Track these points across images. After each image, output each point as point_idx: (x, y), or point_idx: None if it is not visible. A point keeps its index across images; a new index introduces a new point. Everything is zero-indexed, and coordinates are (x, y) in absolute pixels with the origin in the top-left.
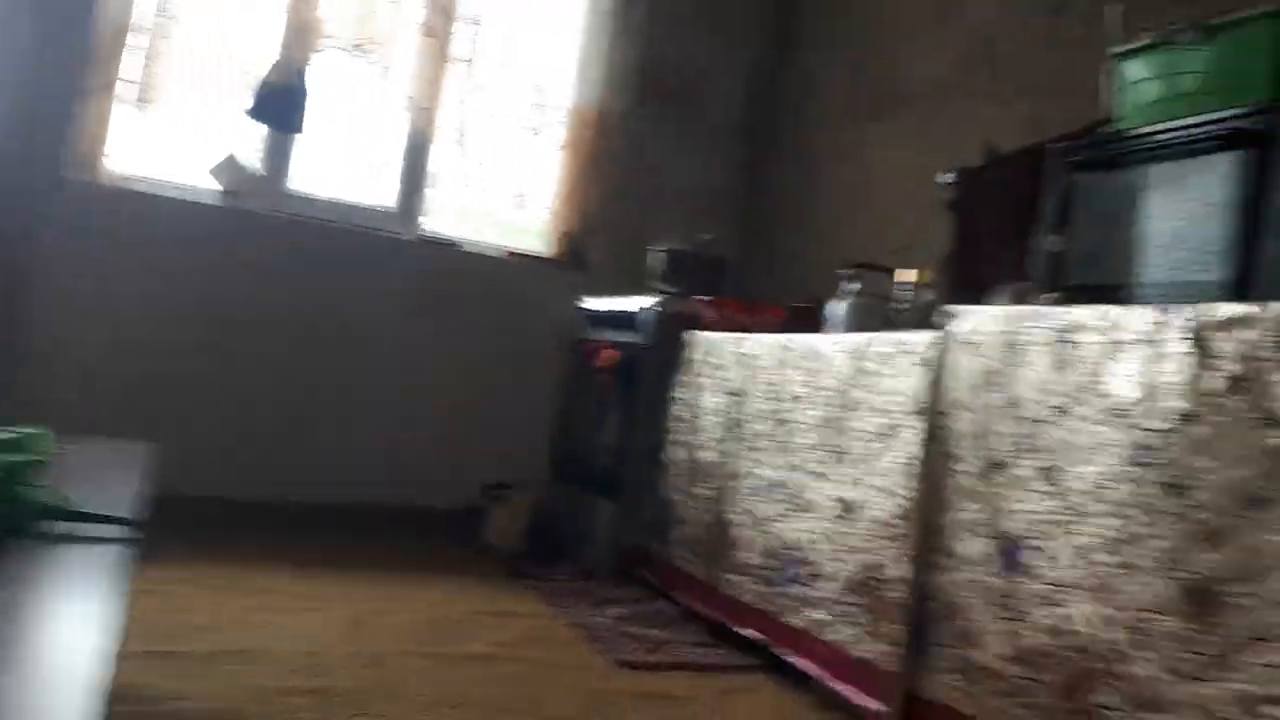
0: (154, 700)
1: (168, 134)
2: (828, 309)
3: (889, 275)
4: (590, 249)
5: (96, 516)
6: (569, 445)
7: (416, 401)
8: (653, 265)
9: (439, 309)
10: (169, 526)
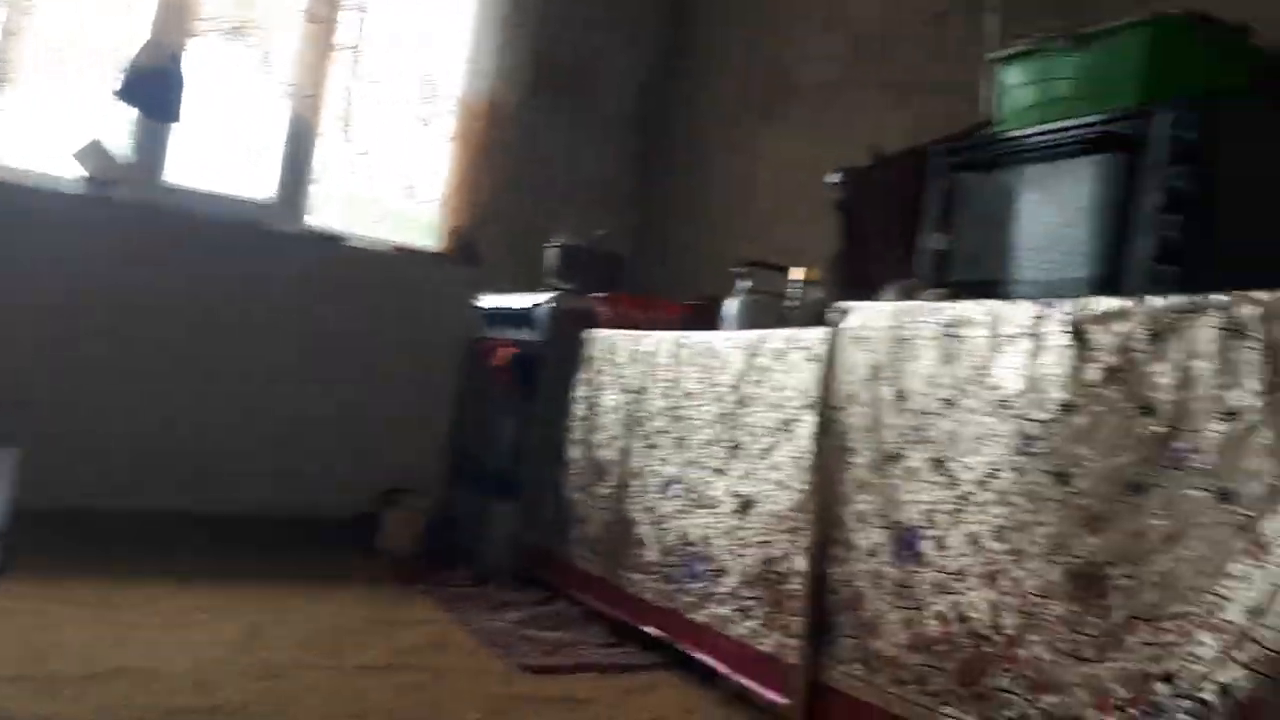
0: None
1: (27, 117)
2: (724, 307)
3: (782, 273)
4: (482, 244)
5: None
6: (465, 446)
7: (302, 404)
8: (548, 261)
9: (325, 307)
10: (33, 539)
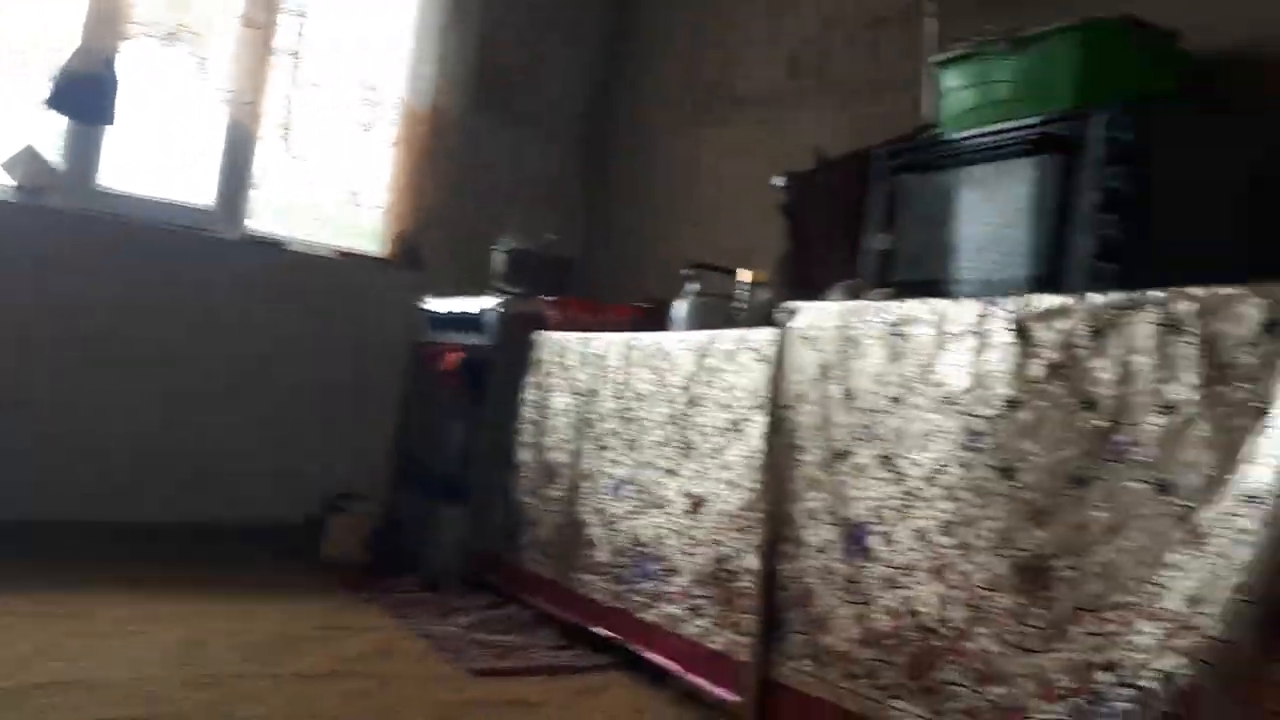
0: None
1: None
2: (673, 309)
3: (730, 275)
4: (426, 248)
5: None
6: (412, 451)
7: (243, 411)
8: (495, 265)
9: (267, 313)
10: None
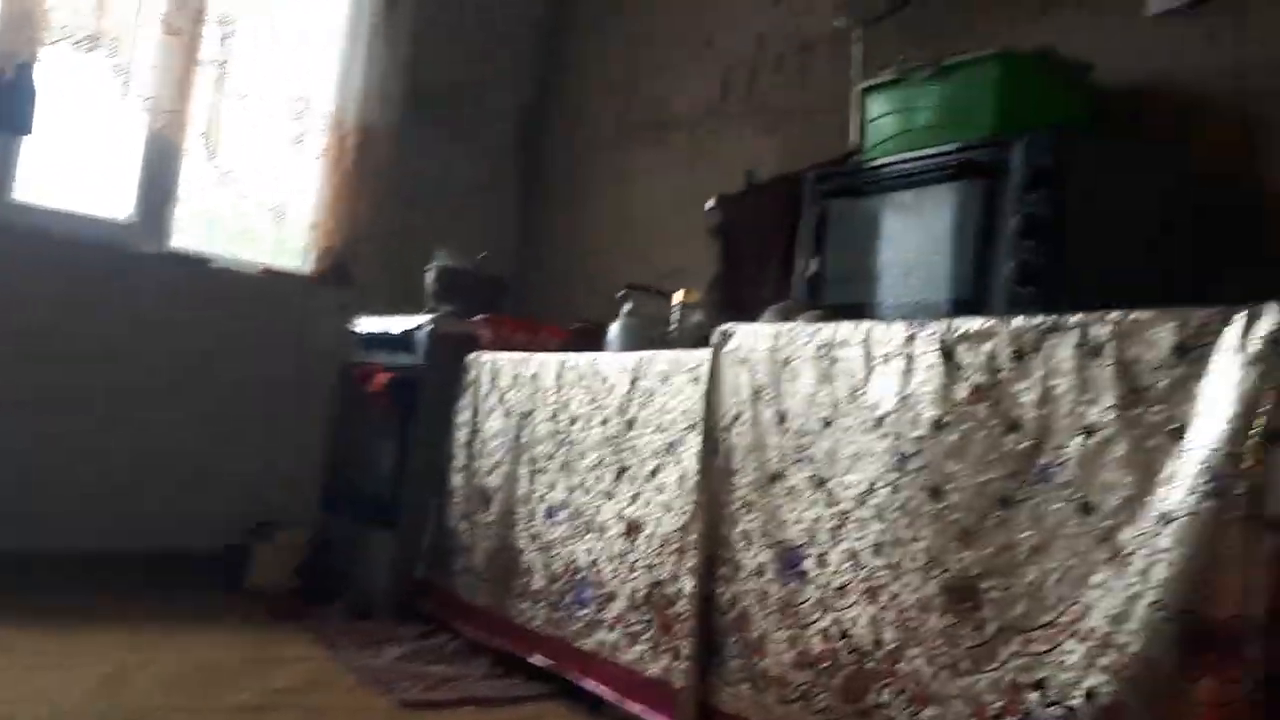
0: None
1: None
2: (609, 331)
3: (663, 297)
4: (356, 266)
5: None
6: (342, 474)
7: (165, 434)
8: (427, 283)
9: (189, 332)
10: None
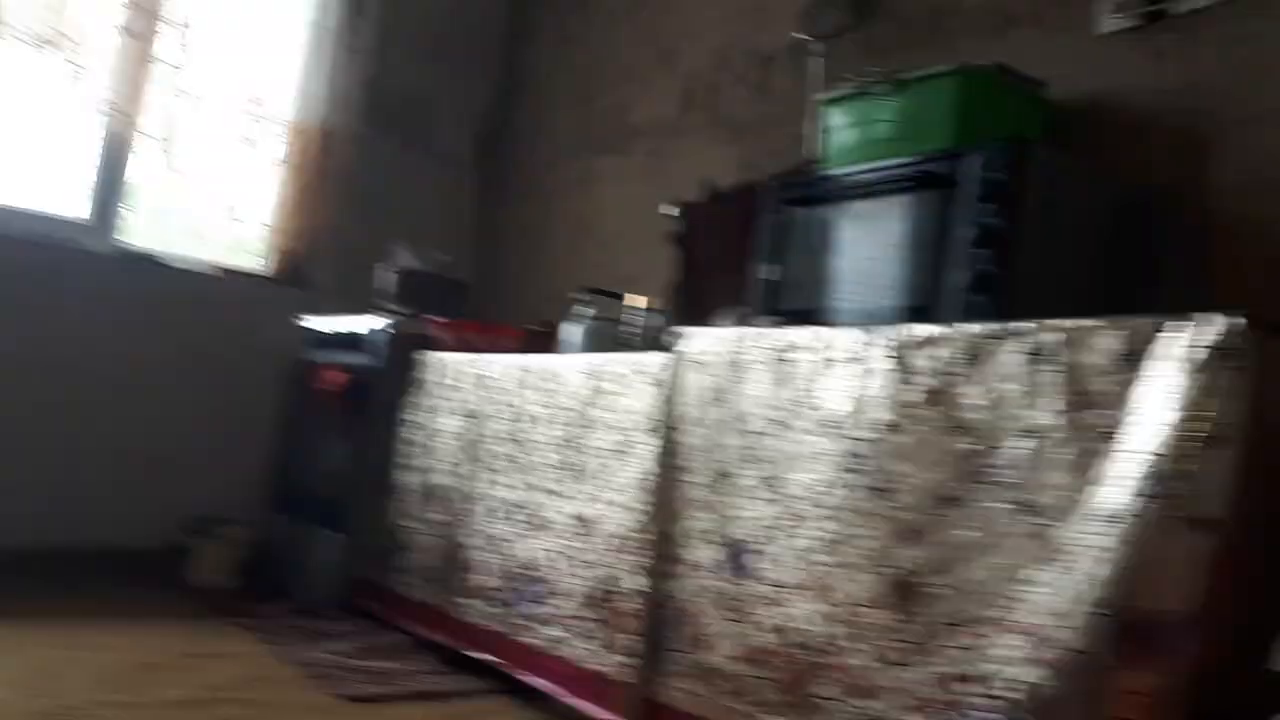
0: None
1: None
2: (563, 331)
3: (620, 300)
4: (313, 268)
5: None
6: (291, 473)
7: (113, 430)
8: (384, 285)
9: (141, 330)
10: None
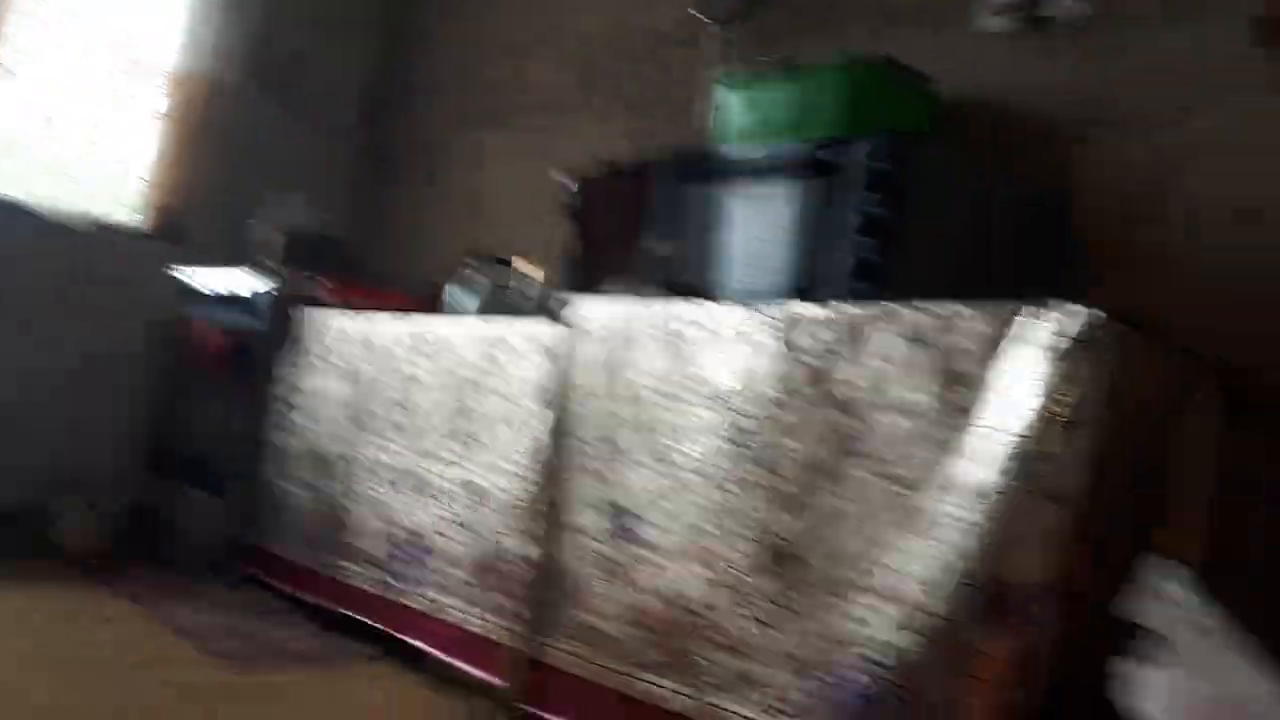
0: None
1: None
2: (453, 297)
3: (511, 268)
4: (192, 223)
5: None
6: (167, 435)
7: None
8: (268, 244)
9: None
10: None
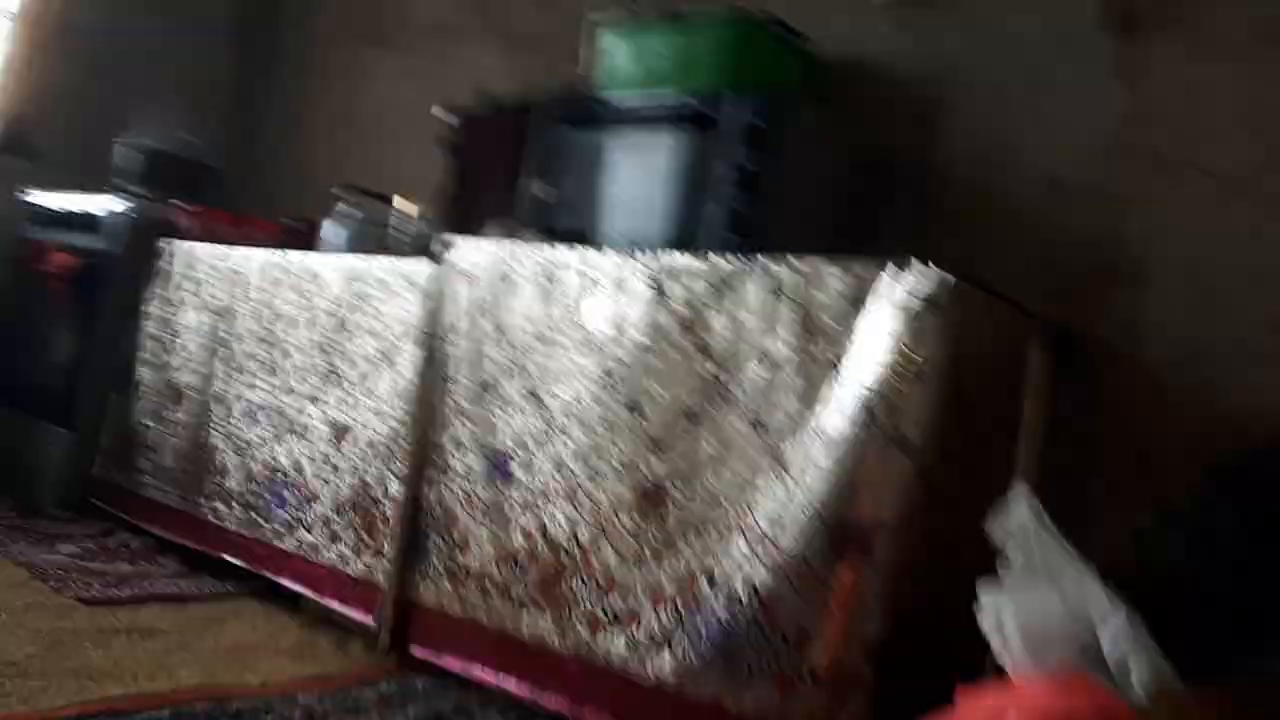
0: None
1: None
2: (325, 230)
3: (385, 201)
4: (42, 137)
5: None
6: (9, 364)
7: None
8: (125, 164)
9: None
10: None
